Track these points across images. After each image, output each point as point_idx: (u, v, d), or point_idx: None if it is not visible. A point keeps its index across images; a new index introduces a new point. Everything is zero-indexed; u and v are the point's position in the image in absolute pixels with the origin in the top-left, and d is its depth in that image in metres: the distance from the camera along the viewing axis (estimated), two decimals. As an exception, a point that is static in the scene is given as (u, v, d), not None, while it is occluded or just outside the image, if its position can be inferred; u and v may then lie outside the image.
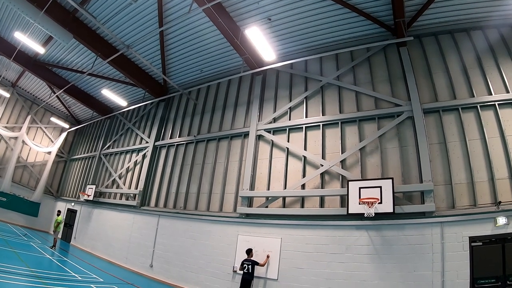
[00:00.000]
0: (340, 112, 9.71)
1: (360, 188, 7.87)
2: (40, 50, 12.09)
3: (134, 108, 16.59)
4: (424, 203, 7.38)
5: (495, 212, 6.60)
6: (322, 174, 9.16)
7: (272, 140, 10.63)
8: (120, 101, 14.82)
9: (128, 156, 16.06)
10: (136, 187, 14.16)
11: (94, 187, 16.23)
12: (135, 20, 11.30)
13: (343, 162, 9.02)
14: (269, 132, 10.80)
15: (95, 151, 18.93)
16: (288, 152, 10.14)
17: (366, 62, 9.98)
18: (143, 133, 15.69)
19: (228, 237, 9.83)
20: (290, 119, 10.64)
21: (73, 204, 18.16)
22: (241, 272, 8.34)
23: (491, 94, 7.79)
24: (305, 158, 9.70)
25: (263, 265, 8.46)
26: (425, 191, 7.43)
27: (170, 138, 14.16)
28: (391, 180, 7.62)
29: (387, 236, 7.45)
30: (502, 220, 6.37)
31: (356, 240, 7.77)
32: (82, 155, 20.17)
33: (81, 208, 17.16)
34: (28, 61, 14.92)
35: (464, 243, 6.56)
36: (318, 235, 8.31)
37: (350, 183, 8.17)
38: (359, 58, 10.05)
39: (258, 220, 9.47)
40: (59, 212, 14.97)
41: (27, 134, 19.11)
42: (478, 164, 7.35)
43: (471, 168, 7.35)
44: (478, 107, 7.78)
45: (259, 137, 11.01)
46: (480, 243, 6.45)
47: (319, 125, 9.84)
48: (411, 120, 8.41)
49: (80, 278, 8.99)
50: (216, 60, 12.68)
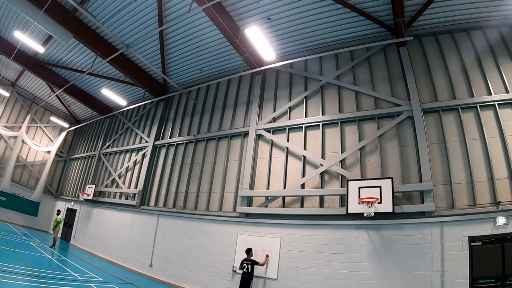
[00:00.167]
0: (339, 112, 9.71)
1: (359, 188, 7.87)
2: (39, 49, 12.09)
3: (134, 108, 16.59)
4: (423, 203, 7.39)
5: (494, 212, 6.60)
6: (322, 174, 9.17)
7: (272, 140, 10.63)
8: (120, 100, 14.81)
9: (128, 155, 16.05)
10: (136, 187, 14.16)
11: (93, 186, 16.21)
12: (135, 20, 11.28)
13: (342, 162, 9.03)
14: (268, 131, 10.81)
15: (94, 151, 18.92)
16: (288, 152, 10.14)
17: (366, 62, 9.98)
18: (143, 132, 15.69)
19: (227, 236, 9.83)
20: (289, 119, 10.64)
21: (72, 203, 18.16)
22: (240, 271, 8.34)
23: (490, 94, 7.80)
24: (304, 157, 9.71)
25: (262, 264, 8.46)
26: (424, 191, 7.44)
27: (170, 138, 14.15)
28: (390, 179, 7.62)
29: (386, 235, 7.45)
30: (501, 220, 6.38)
31: (356, 239, 7.77)
32: (82, 155, 20.17)
33: (80, 208, 17.16)
34: (28, 60, 14.91)
35: (463, 243, 6.57)
36: (318, 234, 8.31)
37: (349, 182, 8.17)
38: (359, 58, 10.05)
39: (257, 219, 9.48)
40: (58, 212, 15.00)
41: (26, 134, 19.12)
42: (478, 164, 7.36)
43: (470, 168, 7.36)
44: (478, 107, 7.79)
45: (259, 136, 11.01)
46: (480, 243, 6.46)
47: (319, 124, 9.85)
48: (411, 120, 8.41)
49: (80, 278, 8.98)
50: (215, 59, 12.67)
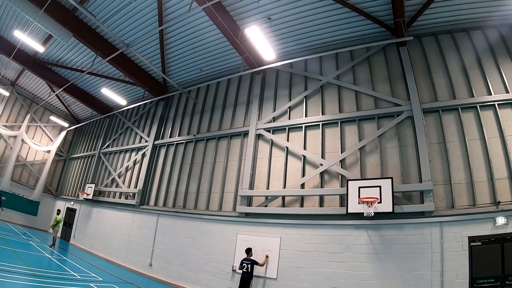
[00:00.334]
0: (339, 112, 9.71)
1: (359, 188, 7.87)
2: (39, 48, 12.09)
3: (134, 107, 16.59)
4: (423, 203, 7.39)
5: (494, 212, 6.60)
6: (322, 174, 9.17)
7: (272, 140, 10.63)
8: (120, 100, 14.79)
9: (128, 155, 16.04)
10: (136, 186, 14.15)
11: (93, 186, 16.21)
12: (135, 19, 11.27)
13: (342, 162, 9.03)
14: (268, 131, 10.80)
15: (94, 150, 18.91)
16: (288, 152, 10.14)
17: (366, 62, 9.98)
18: (143, 132, 15.68)
19: (227, 236, 9.83)
20: (289, 119, 10.64)
21: (72, 203, 18.16)
22: (240, 271, 8.34)
23: (490, 94, 7.80)
24: (304, 157, 9.71)
25: (262, 265, 8.46)
26: (424, 190, 7.44)
27: (170, 137, 14.15)
28: (390, 179, 7.62)
29: (386, 235, 7.45)
30: (501, 220, 6.37)
31: (356, 239, 7.77)
32: (82, 154, 20.17)
33: (80, 207, 17.16)
34: (28, 59, 14.90)
35: (463, 243, 6.57)
36: (318, 234, 8.31)
37: (349, 182, 8.16)
38: (359, 58, 10.05)
39: (257, 219, 9.47)
40: (58, 211, 15.00)
41: (26, 133, 19.13)
42: (478, 164, 7.35)
43: (470, 168, 7.36)
44: (478, 107, 7.79)
45: (259, 136, 11.01)
46: (479, 243, 6.46)
47: (319, 124, 9.85)
48: (411, 120, 8.41)
49: (79, 277, 8.98)
50: (215, 59, 12.66)
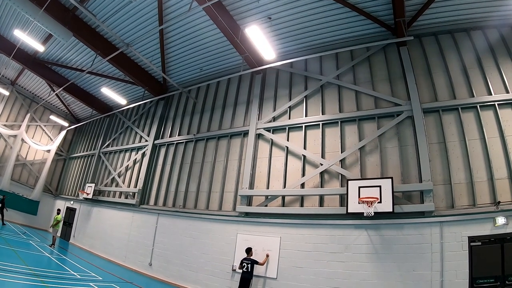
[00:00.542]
0: (339, 111, 9.70)
1: (359, 187, 7.88)
2: (39, 48, 12.06)
3: (134, 107, 16.59)
4: (423, 203, 7.39)
5: (494, 212, 6.61)
6: (322, 173, 9.16)
7: (272, 139, 10.62)
8: (120, 99, 14.77)
9: (128, 154, 16.03)
10: (136, 186, 14.15)
11: (93, 185, 16.20)
12: (135, 18, 11.26)
13: (342, 161, 9.03)
14: (268, 131, 10.80)
15: (94, 150, 18.90)
16: (288, 151, 10.13)
17: (366, 62, 9.97)
18: (143, 131, 15.67)
19: (227, 235, 9.83)
20: (289, 118, 10.63)
21: (72, 202, 18.16)
22: (240, 271, 8.34)
23: (491, 94, 7.80)
24: (304, 157, 9.70)
25: (262, 264, 8.46)
26: (424, 190, 7.44)
27: (170, 137, 14.14)
28: (390, 179, 7.62)
29: (386, 235, 7.45)
30: (501, 220, 6.37)
31: (356, 239, 7.77)
32: (82, 154, 20.16)
33: (80, 207, 17.16)
34: (28, 59, 14.89)
35: (463, 243, 6.57)
36: (318, 234, 8.31)
37: (349, 182, 8.17)
38: (359, 58, 10.04)
39: (257, 219, 9.47)
40: (58, 211, 14.98)
41: (26, 132, 19.12)
42: (478, 164, 7.35)
43: (470, 168, 7.36)
44: (478, 107, 7.79)
45: (259, 136, 11.01)
46: (479, 243, 6.46)
47: (319, 124, 9.84)
48: (411, 120, 8.41)
49: (79, 277, 8.98)
50: (216, 58, 12.66)
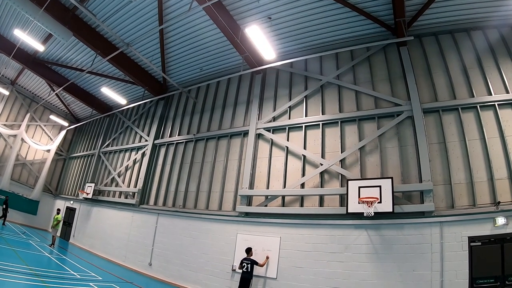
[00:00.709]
0: (340, 111, 9.70)
1: (359, 187, 7.87)
2: (39, 47, 12.06)
3: (134, 106, 16.59)
4: (423, 203, 7.39)
5: (494, 212, 6.60)
6: (322, 173, 9.16)
7: (272, 139, 10.62)
8: (120, 99, 14.75)
9: (128, 154, 16.02)
10: (135, 186, 14.14)
11: (93, 185, 16.20)
12: (135, 18, 11.26)
13: (342, 161, 9.02)
14: (268, 131, 10.79)
15: (94, 149, 18.89)
16: (288, 151, 10.13)
17: (366, 62, 9.97)
18: (143, 131, 15.67)
19: (227, 235, 9.82)
20: (289, 118, 10.63)
21: (72, 202, 18.16)
22: (240, 271, 8.34)
23: (491, 94, 7.80)
24: (304, 157, 9.70)
25: (262, 265, 8.45)
26: (424, 190, 7.44)
27: (170, 137, 14.13)
28: (390, 179, 7.62)
29: (386, 235, 7.45)
30: (501, 220, 6.37)
31: (355, 239, 7.77)
32: (81, 153, 20.16)
33: (80, 206, 17.15)
34: (28, 58, 14.89)
35: (463, 243, 6.57)
36: (317, 234, 8.31)
37: (349, 182, 8.16)
38: (359, 58, 10.04)
39: (257, 219, 9.47)
40: (58, 211, 14.97)
41: (26, 132, 19.12)
42: (478, 164, 7.35)
43: (470, 168, 7.36)
44: (478, 107, 7.79)
45: (259, 136, 11.00)
46: (479, 243, 6.46)
47: (319, 124, 9.84)
48: (411, 120, 8.41)
49: (79, 276, 8.97)
50: (216, 58, 12.65)
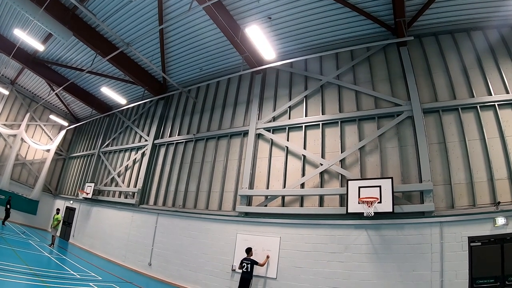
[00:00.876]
0: (340, 111, 9.70)
1: (359, 188, 7.87)
2: (39, 47, 12.08)
3: (134, 106, 16.58)
4: (423, 203, 7.39)
5: (494, 212, 6.61)
6: (322, 173, 9.16)
7: (272, 139, 10.62)
8: (119, 99, 14.75)
9: (127, 154, 16.01)
10: (135, 185, 14.14)
11: (93, 185, 16.19)
12: (135, 18, 11.25)
13: (342, 161, 9.02)
14: (268, 131, 10.79)
15: (94, 149, 18.89)
16: (288, 151, 10.13)
17: (366, 62, 9.97)
18: (142, 131, 15.66)
19: (227, 235, 9.82)
20: (289, 118, 10.63)
21: (71, 202, 18.15)
22: (240, 271, 8.34)
23: (491, 95, 7.80)
24: (304, 157, 9.70)
25: (262, 265, 8.44)
26: (424, 190, 7.44)
27: (169, 137, 14.12)
28: (390, 179, 7.62)
29: (386, 235, 7.45)
30: (501, 221, 6.38)
31: (355, 239, 7.77)
32: (81, 153, 20.15)
33: (79, 206, 17.15)
34: (28, 58, 14.88)
35: (463, 243, 6.57)
36: (317, 234, 8.30)
37: (349, 182, 8.16)
38: (359, 58, 10.04)
39: (257, 219, 9.47)
40: (58, 210, 14.94)
41: (26, 132, 19.12)
42: (478, 164, 7.35)
43: (470, 168, 7.36)
44: (478, 107, 7.79)
45: (259, 135, 11.00)
46: (479, 243, 6.46)
47: (319, 124, 9.84)
48: (411, 120, 8.41)
49: (79, 276, 8.97)
50: (216, 58, 12.65)
